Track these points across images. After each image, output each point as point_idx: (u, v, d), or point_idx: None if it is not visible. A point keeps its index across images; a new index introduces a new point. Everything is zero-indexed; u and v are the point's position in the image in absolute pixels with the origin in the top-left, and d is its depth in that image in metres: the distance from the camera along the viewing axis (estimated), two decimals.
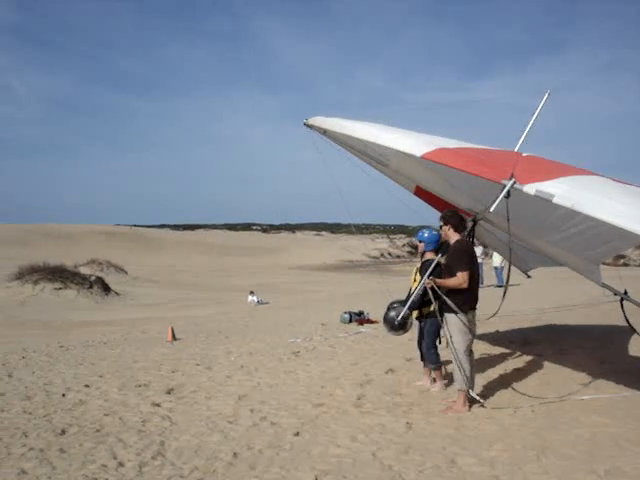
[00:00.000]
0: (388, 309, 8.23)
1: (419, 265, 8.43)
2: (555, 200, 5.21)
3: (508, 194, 5.57)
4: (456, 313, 7.16)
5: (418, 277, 8.25)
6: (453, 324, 7.22)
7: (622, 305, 8.38)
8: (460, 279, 7.14)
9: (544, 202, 5.70)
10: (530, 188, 5.39)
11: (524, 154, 7.02)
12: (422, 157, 6.20)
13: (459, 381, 7.25)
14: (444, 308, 7.33)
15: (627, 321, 8.32)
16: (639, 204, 5.42)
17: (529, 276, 12.01)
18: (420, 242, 8.37)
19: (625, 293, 8.42)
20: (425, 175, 7.88)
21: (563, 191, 5.29)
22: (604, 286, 8.43)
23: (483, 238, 9.81)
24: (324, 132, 7.88)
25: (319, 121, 7.74)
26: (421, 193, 9.50)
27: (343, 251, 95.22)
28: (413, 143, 6.46)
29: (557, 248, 8.04)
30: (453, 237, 7.53)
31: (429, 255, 8.19)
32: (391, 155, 7.66)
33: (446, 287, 7.20)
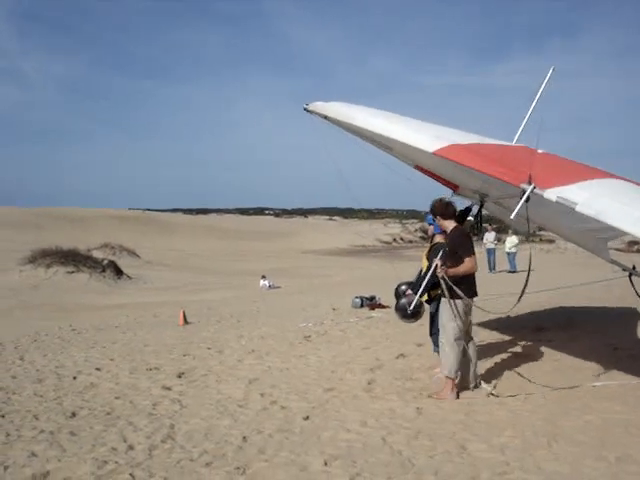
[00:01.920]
0: (399, 296, 8.19)
1: (428, 249, 8.39)
2: (578, 208, 5.12)
3: (528, 199, 5.49)
4: (459, 298, 7.15)
5: (427, 262, 8.21)
6: (449, 310, 7.20)
7: (631, 280, 8.37)
8: (470, 264, 7.15)
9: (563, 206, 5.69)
10: (551, 194, 5.29)
11: (539, 151, 6.93)
12: (434, 153, 6.12)
13: (447, 367, 7.23)
14: (443, 294, 7.32)
15: (638, 295, 8.30)
16: None
17: (491, 271, 11.85)
18: (430, 225, 8.31)
19: (634, 268, 8.41)
20: (429, 161, 7.79)
21: (584, 199, 5.18)
22: (613, 262, 8.44)
23: (498, 214, 9.71)
24: (325, 117, 7.78)
25: (319, 107, 7.64)
26: (422, 169, 9.42)
27: (355, 236, 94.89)
28: (424, 138, 6.37)
29: (566, 228, 8.01)
30: (449, 225, 7.54)
31: (438, 238, 8.12)
32: (397, 144, 7.57)
33: (458, 274, 7.17)
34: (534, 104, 8.29)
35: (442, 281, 7.17)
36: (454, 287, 7.11)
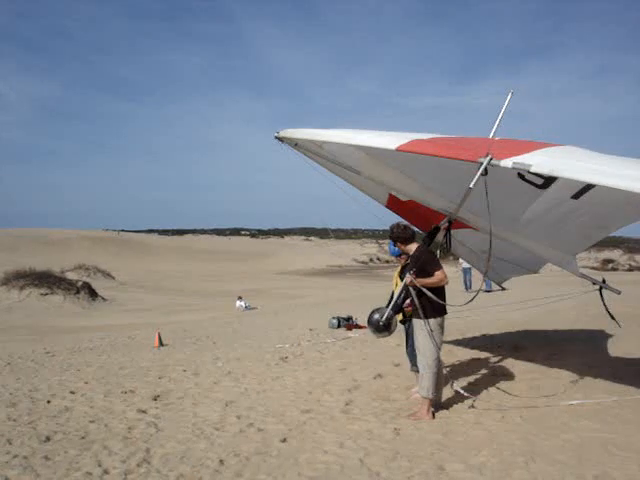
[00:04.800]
0: (372, 312, 8.22)
1: (399, 269, 8.47)
2: (533, 169, 5.25)
3: (485, 171, 5.57)
4: (427, 318, 7.19)
5: (399, 281, 8.27)
6: (423, 331, 7.22)
7: (601, 294, 8.46)
8: (441, 275, 7.24)
9: (525, 186, 5.93)
10: (507, 162, 5.43)
11: (497, 138, 7.07)
12: (397, 149, 6.22)
13: (424, 388, 7.22)
14: (414, 314, 7.37)
15: (606, 309, 8.40)
16: (616, 163, 5.59)
17: (503, 288, 12.01)
18: (399, 256, 8.42)
19: (603, 282, 8.51)
20: (397, 177, 7.86)
21: (540, 160, 5.34)
22: (582, 276, 8.54)
23: (454, 249, 9.83)
24: (295, 145, 7.85)
25: (290, 132, 7.70)
26: (393, 205, 9.49)
27: (332, 256, 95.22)
28: (387, 140, 6.50)
29: (534, 242, 8.12)
30: (412, 247, 7.64)
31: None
32: (363, 160, 7.65)
33: (427, 285, 7.20)
34: (496, 126, 8.47)
35: (412, 290, 7.20)
36: (429, 293, 7.16)
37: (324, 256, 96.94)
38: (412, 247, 7.66)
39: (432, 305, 7.27)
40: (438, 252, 8.21)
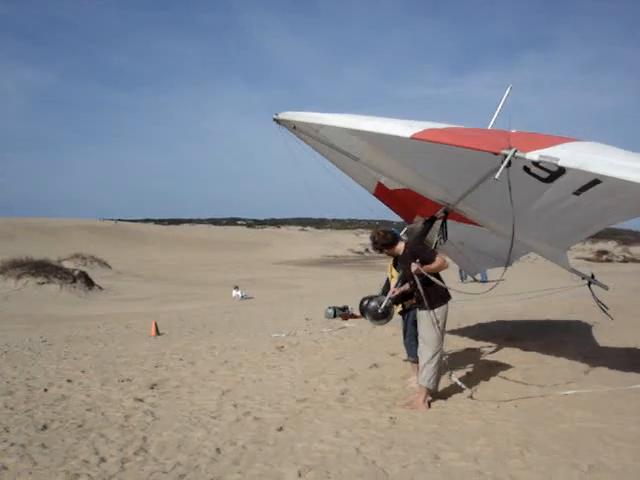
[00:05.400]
0: (368, 300, 8.21)
1: (391, 261, 8.47)
2: (560, 163, 5.15)
3: (509, 163, 5.51)
4: (433, 307, 7.19)
5: (394, 272, 8.28)
6: (428, 321, 7.23)
7: (590, 288, 8.51)
8: (441, 259, 7.27)
9: (529, 179, 5.91)
10: (533, 155, 5.32)
11: (513, 130, 7.03)
12: (412, 137, 6.06)
13: (426, 378, 7.24)
14: (418, 305, 7.39)
15: (597, 302, 8.45)
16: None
17: (476, 280, 12.05)
18: None
19: (592, 277, 8.55)
20: (395, 165, 7.79)
21: (567, 154, 5.25)
22: (572, 271, 8.58)
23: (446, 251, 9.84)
24: (293, 127, 7.75)
25: (289, 115, 7.61)
26: (380, 193, 9.46)
27: (328, 246, 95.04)
28: (400, 127, 6.36)
29: (528, 236, 8.12)
30: (399, 248, 7.67)
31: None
32: (363, 147, 7.56)
33: (432, 271, 7.22)
34: (494, 120, 8.45)
35: (417, 278, 7.20)
36: (435, 280, 7.20)
37: (320, 246, 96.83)
38: (400, 247, 7.66)
39: (437, 293, 7.29)
40: (435, 243, 8.22)
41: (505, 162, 5.36)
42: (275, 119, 7.59)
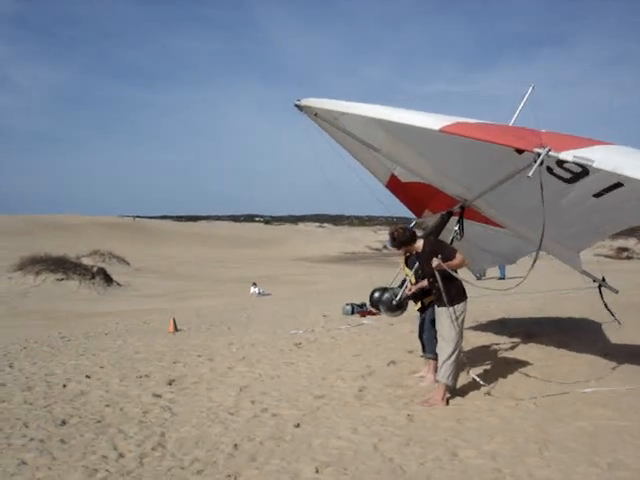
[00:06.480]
0: (382, 291, 8.22)
1: (403, 259, 8.49)
2: (595, 165, 5.11)
3: (542, 162, 5.46)
4: (453, 304, 7.17)
5: (408, 271, 8.30)
6: (448, 318, 7.20)
7: (600, 291, 8.47)
8: (461, 256, 7.23)
9: (552, 180, 5.85)
10: (567, 155, 5.27)
11: (542, 130, 6.95)
12: (440, 130, 5.99)
13: (446, 375, 7.22)
14: (438, 302, 7.36)
15: (605, 306, 8.41)
16: None
17: (479, 277, 12.03)
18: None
19: (603, 280, 8.50)
20: (418, 160, 7.70)
21: (601, 156, 5.20)
22: (584, 273, 8.54)
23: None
24: (315, 114, 7.62)
25: (312, 102, 7.48)
26: (393, 185, 9.41)
27: (345, 243, 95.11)
28: (428, 119, 6.28)
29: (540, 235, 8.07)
30: (418, 245, 7.61)
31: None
32: (385, 138, 7.47)
33: (453, 267, 7.19)
34: (514, 119, 8.40)
35: (438, 274, 7.16)
36: (453, 273, 7.16)
37: (338, 243, 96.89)
38: (419, 244, 7.61)
39: (457, 289, 7.27)
40: (452, 239, 8.18)
41: (539, 160, 5.32)
42: (297, 105, 7.47)
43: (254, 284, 30.68)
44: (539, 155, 5.29)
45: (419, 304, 8.24)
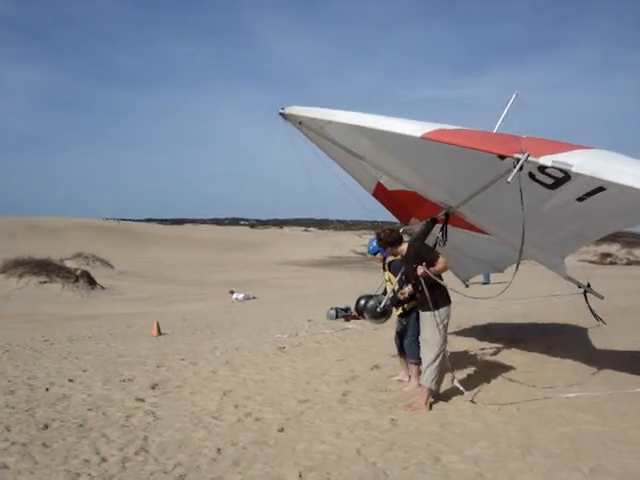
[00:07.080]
0: (366, 299, 8.26)
1: (382, 264, 8.57)
2: (574, 169, 5.15)
3: (521, 167, 5.48)
4: (437, 308, 7.19)
5: (389, 275, 8.36)
6: (432, 322, 7.22)
7: (586, 297, 8.52)
8: (444, 260, 7.28)
9: (533, 186, 5.88)
10: (546, 160, 5.31)
11: (524, 135, 6.99)
12: (422, 137, 6.00)
13: (427, 378, 7.24)
14: (422, 307, 7.38)
15: (591, 311, 8.46)
16: None
17: (467, 285, 12.10)
18: (376, 254, 8.52)
19: (588, 286, 8.54)
20: (401, 167, 7.72)
21: (580, 160, 5.23)
22: (569, 279, 8.59)
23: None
24: (299, 123, 7.62)
25: (296, 110, 7.48)
26: (379, 193, 9.42)
27: (331, 247, 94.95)
28: (410, 126, 6.29)
29: (528, 244, 8.09)
30: (402, 247, 7.70)
31: (391, 257, 8.30)
32: (369, 145, 7.48)
33: (437, 272, 7.21)
34: (498, 125, 8.45)
35: (422, 280, 7.18)
36: (438, 280, 7.20)
37: (323, 247, 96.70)
38: (403, 247, 7.68)
39: (441, 294, 7.29)
40: (434, 245, 8.20)
41: (518, 166, 5.35)
42: (281, 113, 7.46)
43: (231, 292, 29.80)
44: (518, 160, 5.33)
45: (400, 309, 8.26)
